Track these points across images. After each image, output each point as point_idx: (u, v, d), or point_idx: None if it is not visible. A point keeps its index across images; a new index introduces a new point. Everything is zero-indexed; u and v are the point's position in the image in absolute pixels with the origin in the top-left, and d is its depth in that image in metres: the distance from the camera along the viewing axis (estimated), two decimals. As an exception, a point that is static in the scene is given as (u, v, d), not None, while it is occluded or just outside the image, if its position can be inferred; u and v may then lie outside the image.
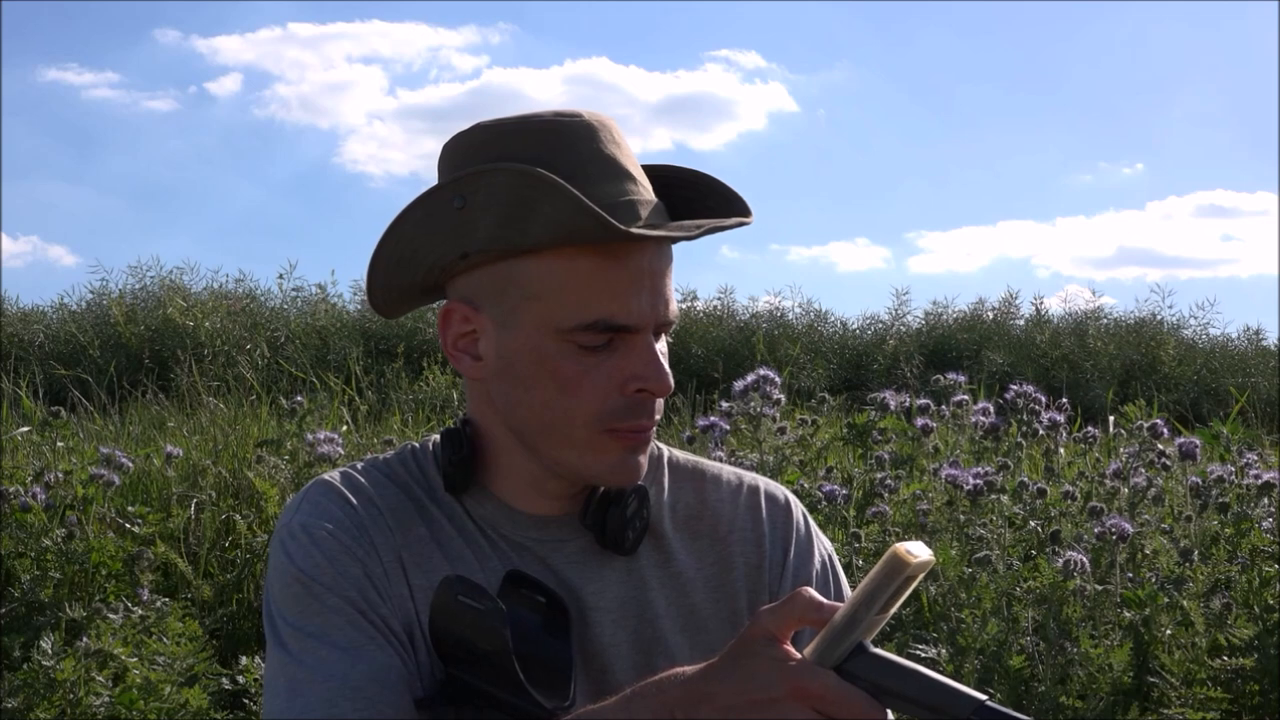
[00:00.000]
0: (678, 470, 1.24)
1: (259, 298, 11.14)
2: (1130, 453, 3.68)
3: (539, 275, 1.08)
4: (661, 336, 1.13)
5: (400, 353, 8.20)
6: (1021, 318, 12.62)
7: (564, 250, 1.07)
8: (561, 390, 1.09)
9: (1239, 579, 3.19)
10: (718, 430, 3.62)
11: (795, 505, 1.25)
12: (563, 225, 1.04)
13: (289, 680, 1.07)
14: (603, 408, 1.09)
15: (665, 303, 1.11)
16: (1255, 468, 3.64)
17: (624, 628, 1.15)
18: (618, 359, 1.09)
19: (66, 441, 4.62)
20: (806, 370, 10.48)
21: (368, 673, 1.05)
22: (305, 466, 4.10)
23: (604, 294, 1.07)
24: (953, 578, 3.01)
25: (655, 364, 1.09)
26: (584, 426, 1.10)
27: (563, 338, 1.08)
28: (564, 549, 1.17)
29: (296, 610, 1.09)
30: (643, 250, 1.09)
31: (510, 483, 1.17)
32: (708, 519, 1.22)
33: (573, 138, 1.11)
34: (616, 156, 1.12)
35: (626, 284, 1.08)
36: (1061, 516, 3.42)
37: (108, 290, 11.08)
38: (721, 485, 1.24)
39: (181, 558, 3.71)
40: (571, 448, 1.11)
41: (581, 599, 1.15)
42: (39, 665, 2.71)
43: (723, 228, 1.12)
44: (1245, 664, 2.90)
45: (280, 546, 1.13)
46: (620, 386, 1.09)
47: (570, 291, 1.07)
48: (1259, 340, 12.60)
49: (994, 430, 3.77)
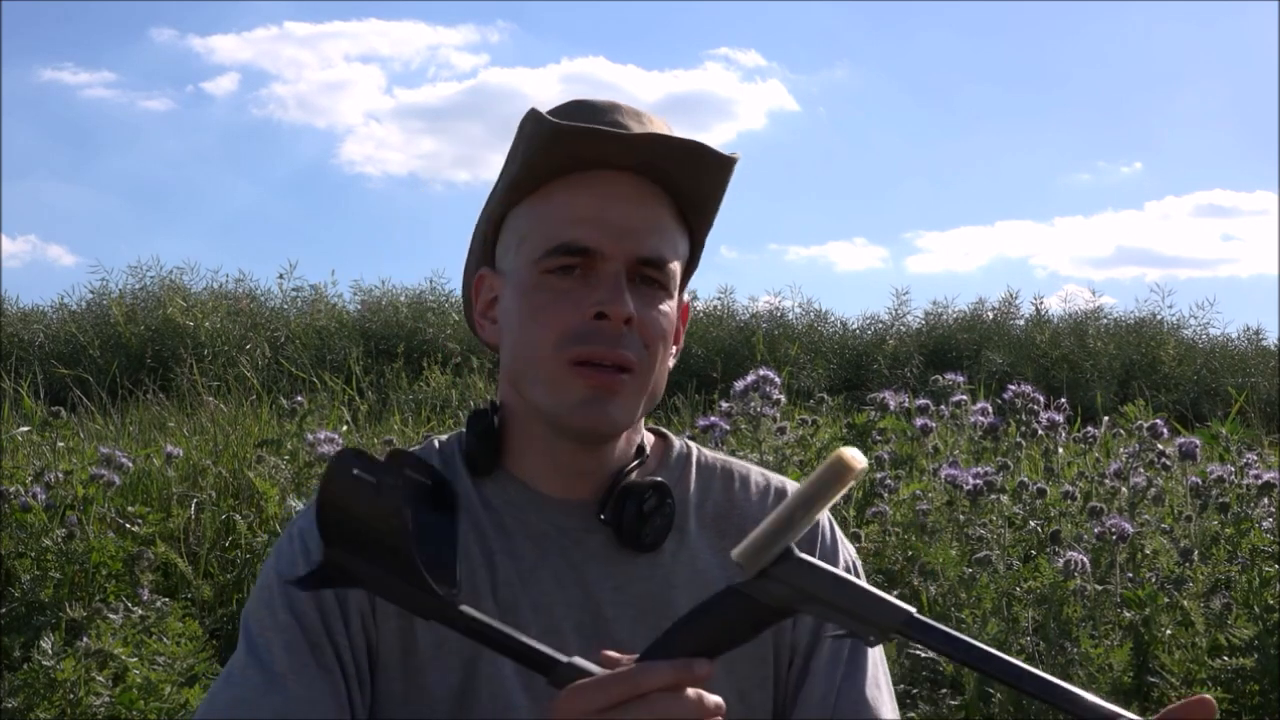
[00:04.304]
0: (705, 469, 1.24)
1: (259, 298, 11.15)
2: (1130, 453, 3.68)
3: (526, 216, 1.15)
4: (658, 293, 1.14)
5: (400, 353, 8.20)
6: (1021, 318, 12.62)
7: (544, 189, 1.13)
8: (532, 319, 1.12)
9: (1239, 579, 3.19)
10: (717, 430, 3.62)
11: None
12: (534, 142, 1.12)
13: (221, 678, 1.09)
14: (564, 331, 1.10)
15: (638, 237, 1.12)
16: (1255, 468, 3.64)
17: (644, 625, 1.14)
18: (586, 289, 1.11)
19: (67, 441, 4.62)
20: (806, 370, 10.48)
21: (277, 706, 1.05)
22: (305, 466, 4.10)
23: (571, 220, 1.12)
24: (953, 578, 3.01)
25: (615, 289, 1.10)
26: (549, 355, 1.11)
27: (537, 268, 1.12)
28: (586, 543, 1.16)
29: (255, 614, 1.11)
30: (614, 183, 1.13)
31: (530, 461, 1.17)
32: (735, 518, 1.21)
33: (590, 106, 1.17)
34: (625, 122, 1.15)
35: (593, 210, 1.12)
36: (1061, 516, 3.42)
37: (108, 290, 11.09)
38: (750, 485, 1.24)
39: (181, 558, 3.70)
40: (540, 382, 1.12)
41: (601, 595, 1.15)
42: (39, 665, 2.71)
43: (702, 147, 1.13)
44: (1245, 664, 2.89)
45: (278, 544, 1.15)
46: (582, 312, 1.10)
47: (546, 223, 1.13)
48: (1259, 340, 12.61)
49: (993, 430, 3.77)
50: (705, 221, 1.20)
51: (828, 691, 1.16)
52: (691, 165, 1.14)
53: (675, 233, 1.16)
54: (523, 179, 1.14)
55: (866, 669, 1.17)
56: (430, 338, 10.72)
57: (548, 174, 1.13)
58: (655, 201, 1.14)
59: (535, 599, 1.14)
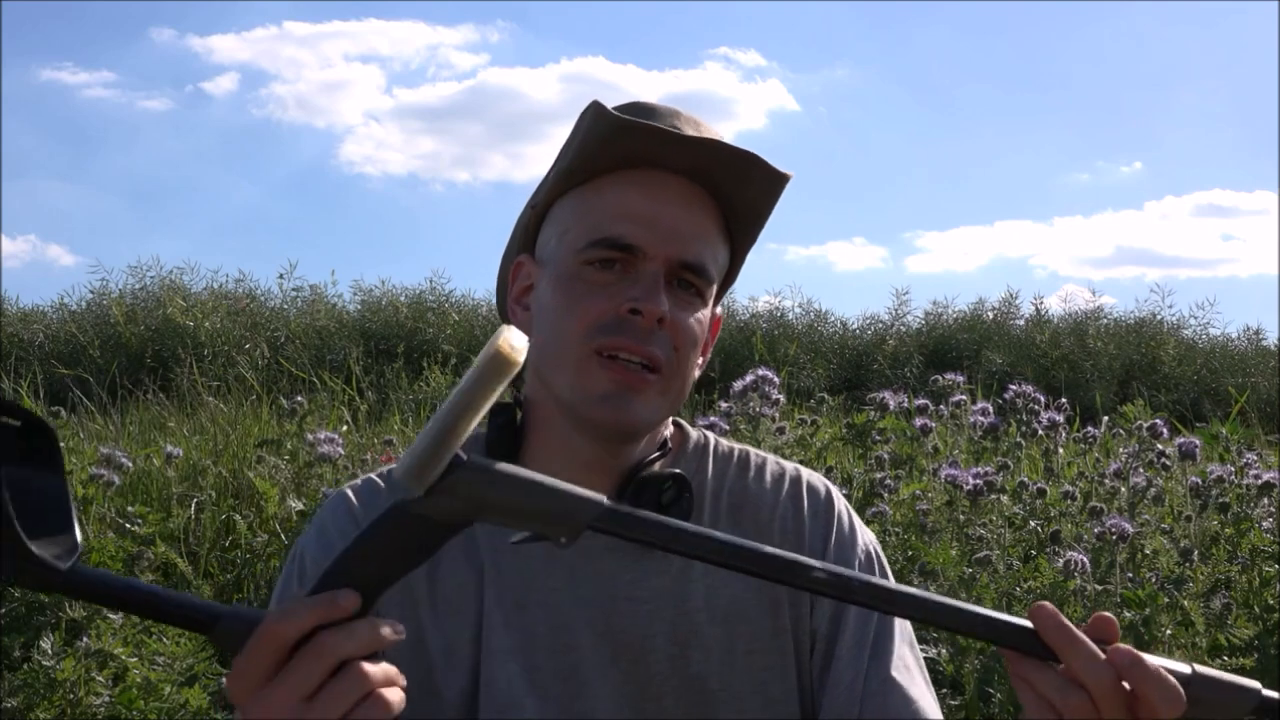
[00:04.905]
0: (722, 458, 1.24)
1: (259, 298, 11.15)
2: (1129, 453, 3.68)
3: (574, 207, 1.15)
4: (694, 300, 1.14)
5: (400, 353, 8.21)
6: (1021, 318, 12.63)
7: (596, 182, 1.13)
8: (567, 308, 1.12)
9: (1239, 579, 3.19)
10: (717, 430, 3.62)
11: (837, 496, 1.26)
12: (593, 133, 1.11)
13: None
14: (595, 322, 1.10)
15: (683, 241, 1.12)
16: (1255, 468, 3.64)
17: (660, 619, 1.14)
18: (624, 285, 1.11)
19: (66, 441, 4.62)
20: (806, 370, 10.48)
21: None
22: (305, 466, 4.10)
23: (619, 215, 1.12)
24: (953, 578, 3.01)
25: (652, 288, 1.10)
26: (576, 343, 1.11)
27: (578, 258, 1.12)
28: (601, 536, 1.16)
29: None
30: (666, 185, 1.13)
31: (548, 454, 1.17)
32: (750, 507, 1.21)
33: (651, 109, 1.17)
34: (682, 127, 1.15)
35: (643, 208, 1.12)
36: (1061, 516, 3.42)
37: (108, 290, 11.10)
38: (765, 474, 1.24)
39: (181, 558, 3.70)
40: (565, 370, 1.12)
41: (615, 589, 1.14)
42: (39, 665, 2.71)
43: (757, 159, 1.13)
44: (1245, 664, 2.89)
45: (286, 563, 1.18)
46: (617, 305, 1.10)
47: (593, 214, 1.13)
48: (1259, 340, 12.62)
49: (993, 430, 3.77)
50: (749, 236, 1.20)
51: (855, 677, 1.15)
52: (744, 176, 1.14)
53: (718, 242, 1.17)
54: (576, 169, 1.14)
55: (893, 651, 1.16)
56: (430, 338, 10.72)
57: (602, 167, 1.13)
58: (703, 209, 1.15)
59: (544, 595, 1.13)
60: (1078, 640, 0.85)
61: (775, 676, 1.16)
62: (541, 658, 1.11)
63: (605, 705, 1.11)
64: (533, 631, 1.12)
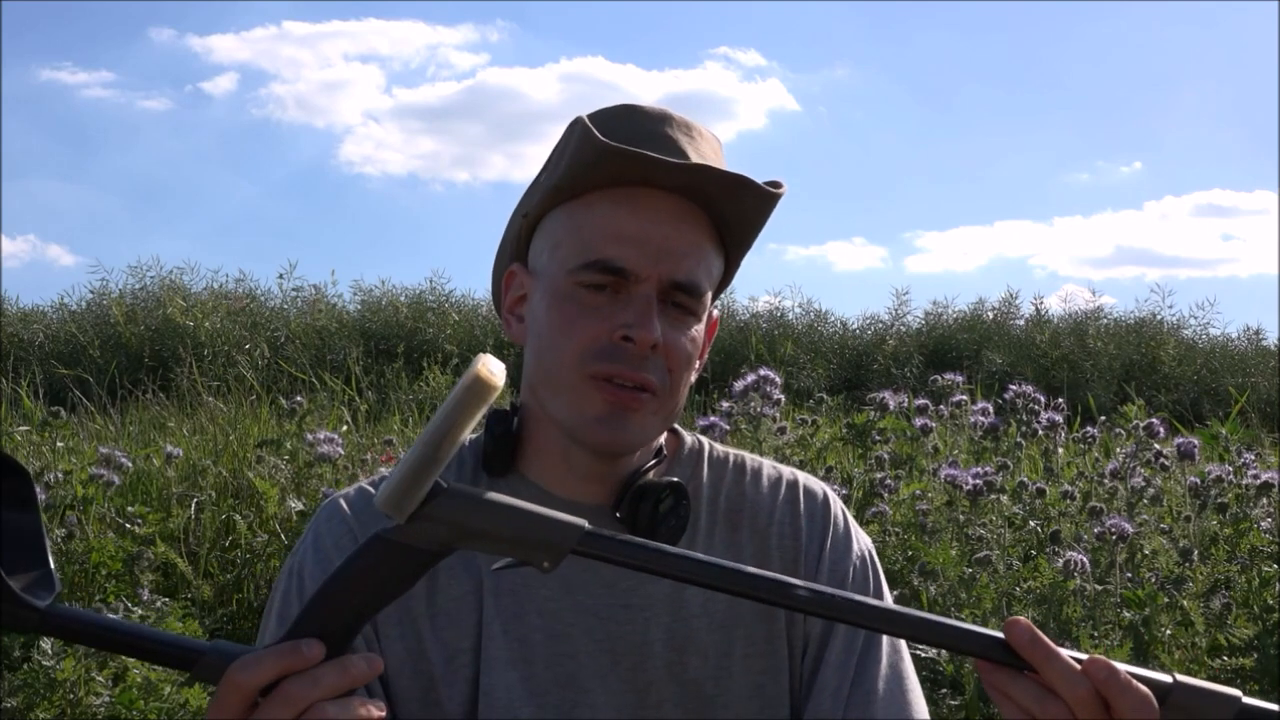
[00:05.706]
0: (717, 463, 1.24)
1: (259, 298, 11.15)
2: (1127, 453, 3.68)
3: (565, 222, 1.13)
4: (687, 318, 1.13)
5: (400, 353, 8.21)
6: (1021, 318, 12.63)
7: (587, 197, 1.12)
8: (560, 330, 1.11)
9: (1239, 579, 3.19)
10: (717, 430, 3.62)
11: (834, 500, 1.26)
12: (579, 156, 1.09)
13: None
14: (589, 347, 1.10)
15: (675, 260, 1.11)
16: (1254, 468, 3.64)
17: (658, 625, 1.14)
18: (616, 308, 1.10)
19: (66, 441, 4.62)
20: (806, 370, 10.48)
21: None
22: (305, 466, 4.10)
23: (610, 236, 1.10)
24: (953, 578, 3.01)
25: (645, 313, 1.10)
26: (571, 367, 1.10)
27: (570, 279, 1.11)
28: None
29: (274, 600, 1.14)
30: (656, 203, 1.11)
31: (544, 463, 1.17)
32: (747, 511, 1.21)
33: (641, 117, 1.15)
34: (675, 137, 1.14)
35: (633, 230, 1.10)
36: (1061, 516, 3.43)
37: (108, 290, 11.10)
38: (761, 478, 1.24)
39: (181, 558, 3.70)
40: (561, 393, 1.12)
41: (613, 597, 1.14)
42: (39, 665, 2.71)
43: (748, 182, 1.12)
44: (1245, 664, 2.90)
45: (277, 580, 1.16)
46: (610, 331, 1.10)
47: (584, 232, 1.11)
48: (1259, 340, 12.62)
49: (993, 430, 3.77)
50: (743, 246, 1.19)
51: (841, 683, 1.15)
52: (735, 195, 1.13)
53: (712, 256, 1.16)
54: (564, 188, 1.13)
55: (881, 660, 1.16)
56: (430, 338, 10.72)
57: (592, 185, 1.12)
58: (695, 224, 1.13)
59: (541, 604, 1.13)
60: (1053, 653, 0.88)
61: (770, 679, 1.17)
62: (540, 666, 1.12)
63: (604, 711, 1.12)
64: (531, 640, 1.12)
